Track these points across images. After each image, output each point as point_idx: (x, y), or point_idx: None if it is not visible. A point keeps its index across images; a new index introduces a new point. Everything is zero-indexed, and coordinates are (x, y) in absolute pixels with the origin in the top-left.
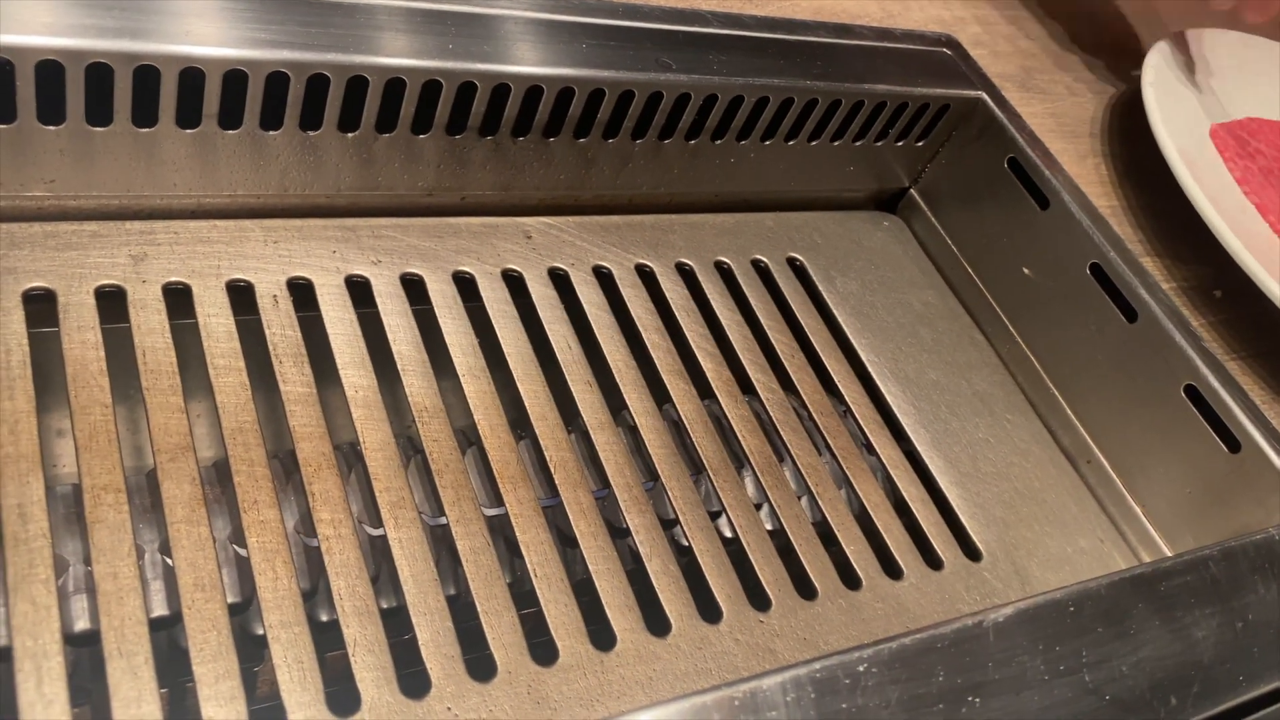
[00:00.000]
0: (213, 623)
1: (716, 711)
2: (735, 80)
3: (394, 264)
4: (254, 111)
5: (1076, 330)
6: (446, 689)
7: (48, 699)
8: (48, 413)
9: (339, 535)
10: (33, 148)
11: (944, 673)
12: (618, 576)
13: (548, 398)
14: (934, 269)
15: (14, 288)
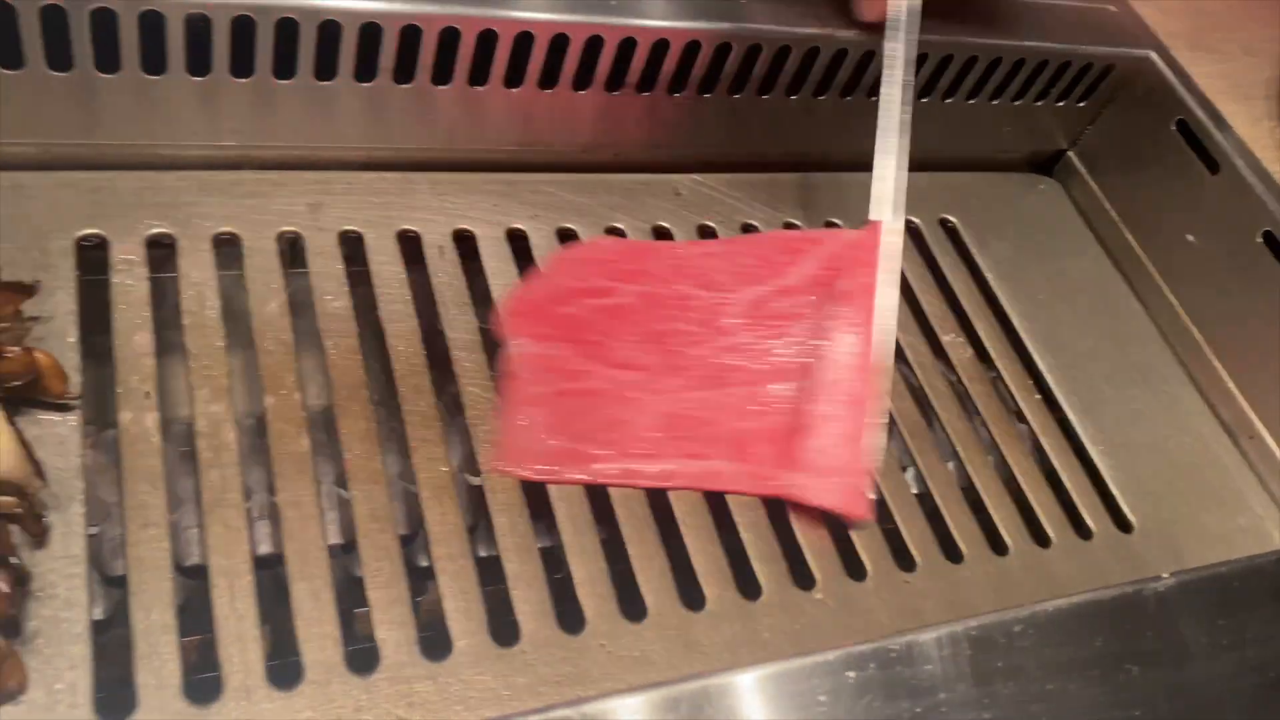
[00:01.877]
0: (386, 552)
1: (873, 661)
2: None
3: (550, 218)
4: (426, 66)
5: (1243, 301)
6: (600, 626)
7: (240, 614)
8: (234, 358)
9: (500, 475)
10: (223, 99)
11: (1101, 639)
12: (763, 529)
13: None
14: (1091, 234)
15: (204, 231)
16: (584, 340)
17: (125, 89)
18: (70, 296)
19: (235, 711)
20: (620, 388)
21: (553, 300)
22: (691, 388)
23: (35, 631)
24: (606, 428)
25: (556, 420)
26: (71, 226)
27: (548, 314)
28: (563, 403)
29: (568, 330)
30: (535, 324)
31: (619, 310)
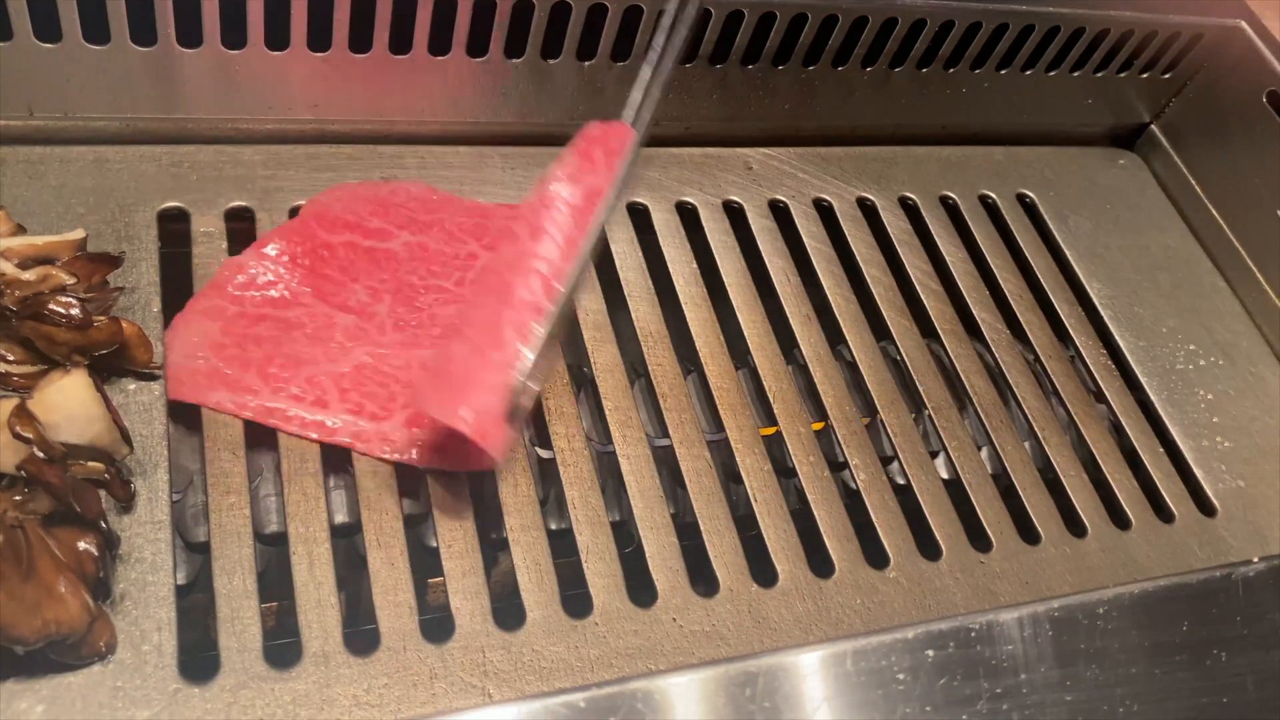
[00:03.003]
0: (460, 523)
1: (953, 640)
2: (974, 5)
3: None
4: (500, 39)
5: None
6: (672, 601)
7: (318, 580)
8: None
9: (572, 449)
10: (301, 73)
11: (1188, 623)
12: (835, 506)
13: (766, 328)
14: (1174, 210)
15: (282, 205)
16: (318, 273)
17: (206, 64)
18: (153, 268)
19: (314, 676)
20: (324, 329)
21: (321, 225)
22: (408, 346)
23: (123, 594)
24: (279, 362)
25: (226, 341)
26: (153, 199)
27: (304, 234)
28: (246, 326)
29: (308, 257)
30: (285, 239)
31: (379, 255)
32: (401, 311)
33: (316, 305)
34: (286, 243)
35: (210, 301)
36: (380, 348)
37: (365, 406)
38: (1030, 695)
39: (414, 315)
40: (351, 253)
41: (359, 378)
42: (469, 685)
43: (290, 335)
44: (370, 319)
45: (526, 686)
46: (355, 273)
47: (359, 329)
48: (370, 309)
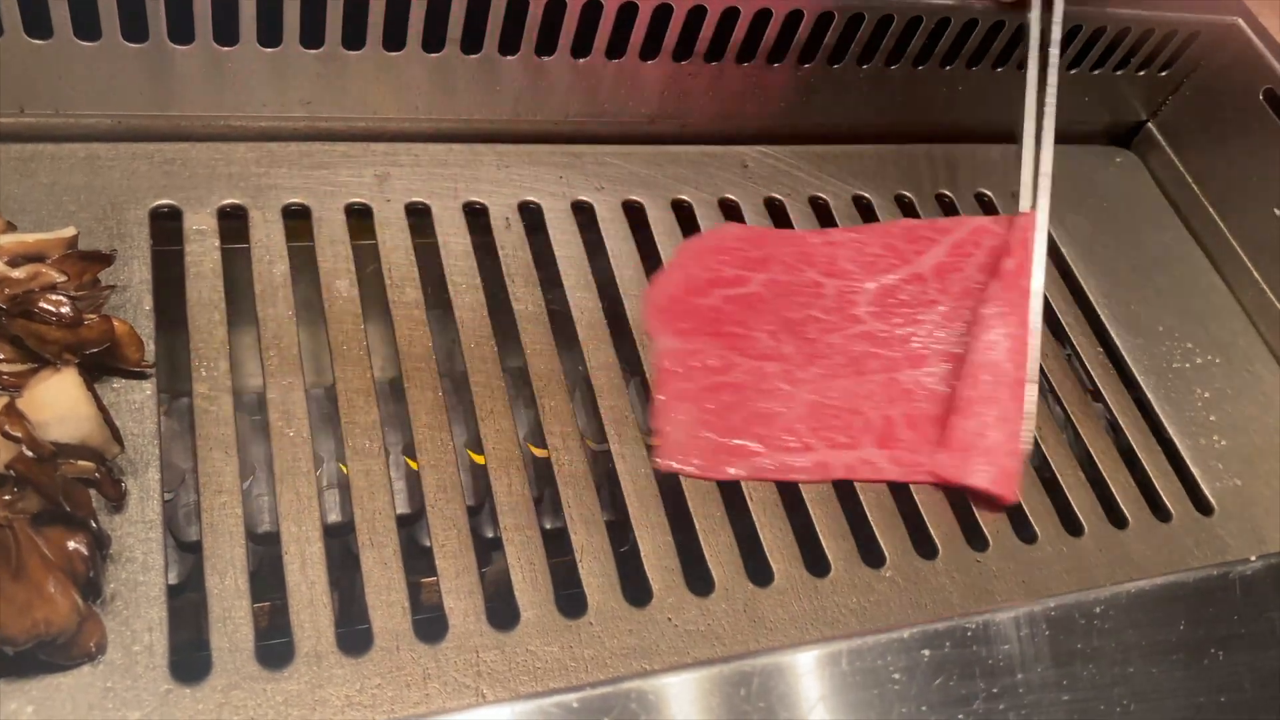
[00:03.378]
0: (453, 522)
1: (949, 640)
2: (970, 2)
3: (616, 190)
4: (494, 35)
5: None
6: (667, 600)
7: (311, 580)
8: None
9: (567, 447)
10: (293, 70)
11: (1185, 622)
12: (831, 505)
13: None
14: (1171, 209)
15: (275, 202)
16: (723, 333)
17: (198, 61)
18: (145, 266)
19: (307, 676)
20: (763, 379)
21: (688, 293)
22: (831, 376)
23: (114, 594)
24: (756, 421)
25: (708, 416)
26: (146, 197)
27: (686, 307)
28: (712, 397)
29: (707, 323)
30: (676, 319)
31: (751, 300)
32: (801, 346)
33: (745, 361)
34: (681, 323)
35: (672, 387)
36: (811, 384)
37: (838, 440)
38: (1027, 695)
39: (811, 347)
40: (731, 305)
41: (817, 416)
42: (462, 685)
43: (746, 396)
44: (785, 360)
45: (520, 687)
46: (746, 322)
47: (784, 372)
48: (779, 351)
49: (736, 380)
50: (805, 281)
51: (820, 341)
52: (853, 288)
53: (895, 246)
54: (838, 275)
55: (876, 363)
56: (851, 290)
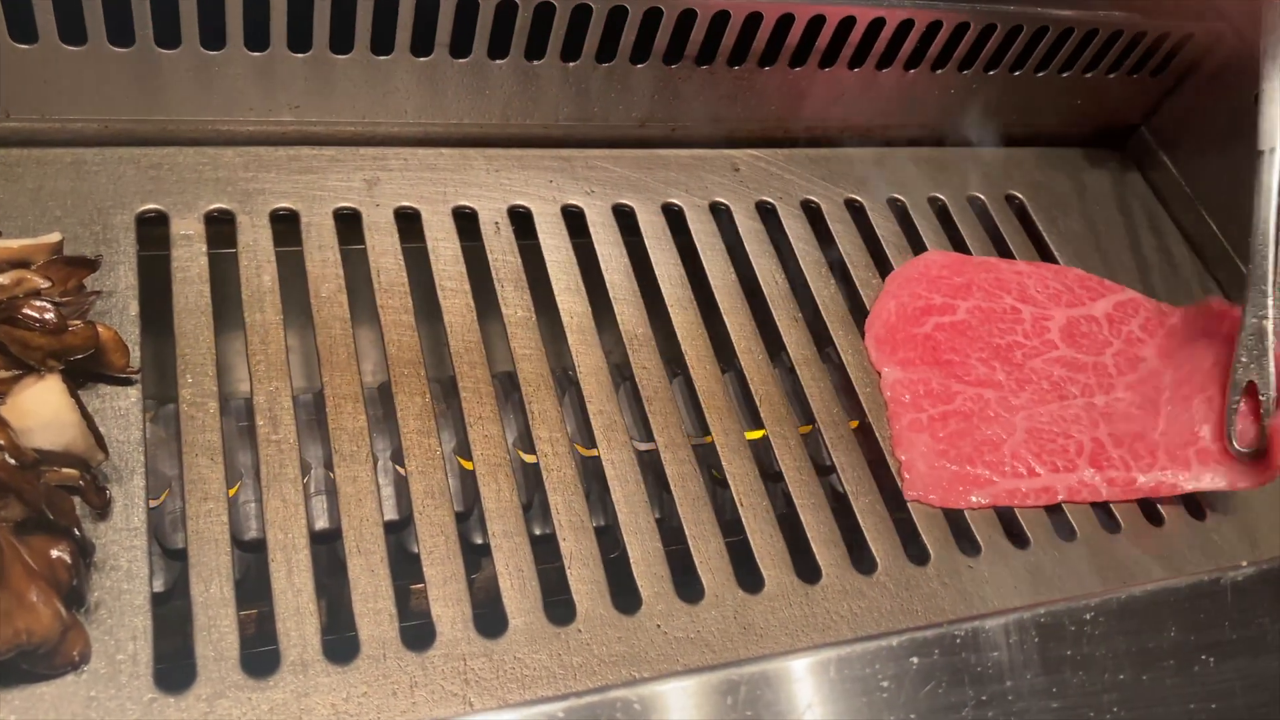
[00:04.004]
0: (441, 529)
1: (938, 647)
2: (961, 6)
3: (607, 194)
4: (483, 40)
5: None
6: (657, 607)
7: (297, 588)
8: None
9: (556, 453)
10: (281, 74)
11: (1176, 628)
12: (822, 511)
13: (753, 331)
14: (1164, 213)
15: (262, 207)
16: (941, 361)
17: (185, 65)
18: (131, 271)
19: (292, 685)
20: (983, 406)
21: (904, 322)
22: (1040, 402)
23: (98, 602)
24: (985, 449)
25: (942, 445)
26: (132, 202)
27: (904, 337)
28: (942, 426)
29: (925, 352)
30: (897, 349)
31: (961, 326)
32: (1011, 371)
33: (965, 389)
34: (902, 352)
35: (907, 418)
36: (1024, 410)
37: (1057, 463)
38: (1016, 702)
39: (1019, 372)
40: (944, 333)
41: (1036, 441)
42: (450, 694)
43: (971, 424)
44: (1000, 387)
45: (508, 695)
46: (960, 349)
47: (1000, 399)
48: (993, 378)
49: (961, 408)
50: (1005, 308)
51: (1025, 366)
52: (1046, 314)
53: (1072, 287)
54: (1030, 302)
55: (1075, 387)
56: (1045, 317)
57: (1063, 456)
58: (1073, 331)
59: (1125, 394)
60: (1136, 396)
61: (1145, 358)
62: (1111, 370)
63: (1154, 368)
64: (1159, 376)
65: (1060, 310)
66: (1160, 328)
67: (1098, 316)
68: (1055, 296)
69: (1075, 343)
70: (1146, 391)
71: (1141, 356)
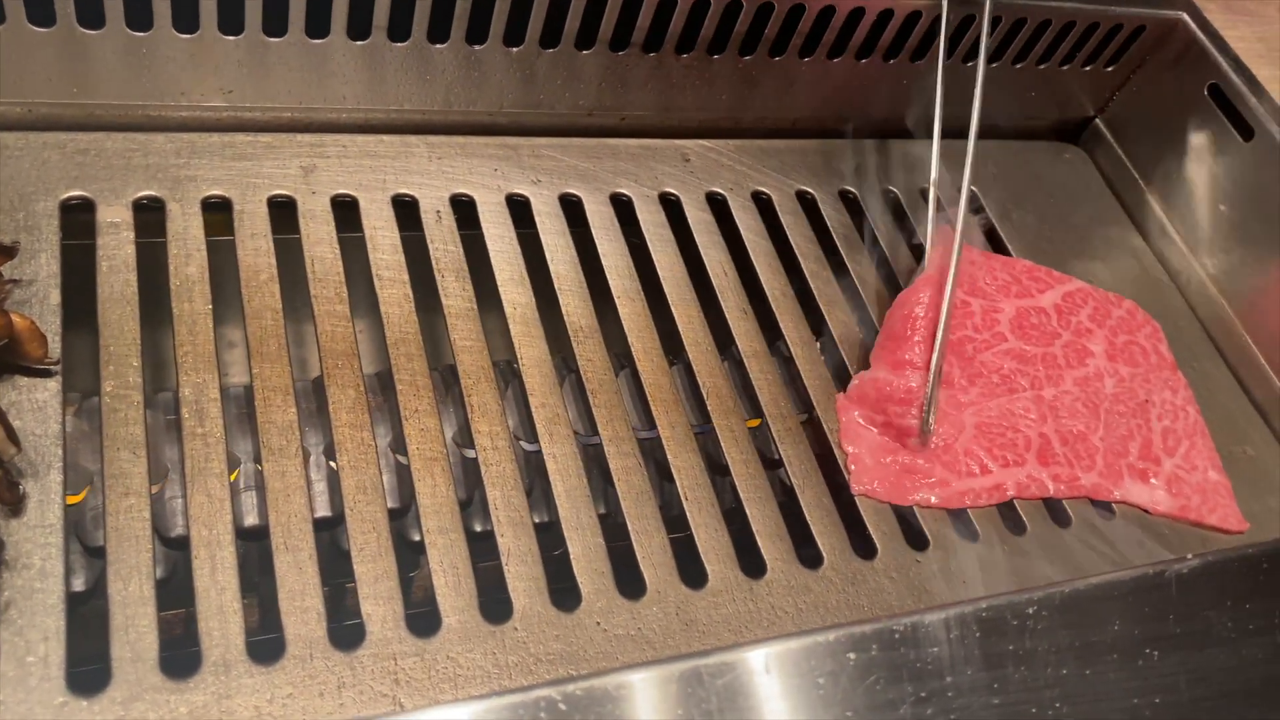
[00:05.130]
0: (373, 524)
1: (876, 643)
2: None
3: (553, 184)
4: (422, 22)
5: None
6: (596, 604)
7: (220, 586)
8: (221, 325)
9: (496, 448)
10: (213, 57)
11: (1120, 621)
12: (769, 505)
13: (702, 323)
14: (1118, 204)
15: (194, 195)
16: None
17: (111, 46)
18: (54, 259)
19: (213, 687)
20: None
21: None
22: (989, 396)
23: (8, 602)
24: (935, 446)
25: (890, 436)
26: (56, 188)
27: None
28: (892, 419)
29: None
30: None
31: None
32: (964, 366)
33: (914, 385)
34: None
35: (856, 411)
36: (975, 405)
37: (1008, 458)
38: (956, 699)
39: (971, 366)
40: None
41: (987, 436)
42: (379, 694)
43: (918, 417)
44: (950, 383)
45: (440, 695)
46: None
47: (950, 396)
48: (945, 371)
49: (911, 399)
50: (954, 301)
51: (976, 360)
52: (996, 307)
53: (1020, 278)
54: (979, 295)
55: (1025, 379)
56: (995, 309)
57: (1012, 450)
58: (1022, 323)
59: (1073, 388)
60: (1082, 393)
61: (1094, 352)
62: (1060, 362)
63: (1100, 367)
64: (1101, 379)
65: (1009, 302)
66: (1108, 318)
67: (1046, 308)
68: (1004, 288)
69: (1024, 334)
70: (1090, 391)
71: (1090, 351)
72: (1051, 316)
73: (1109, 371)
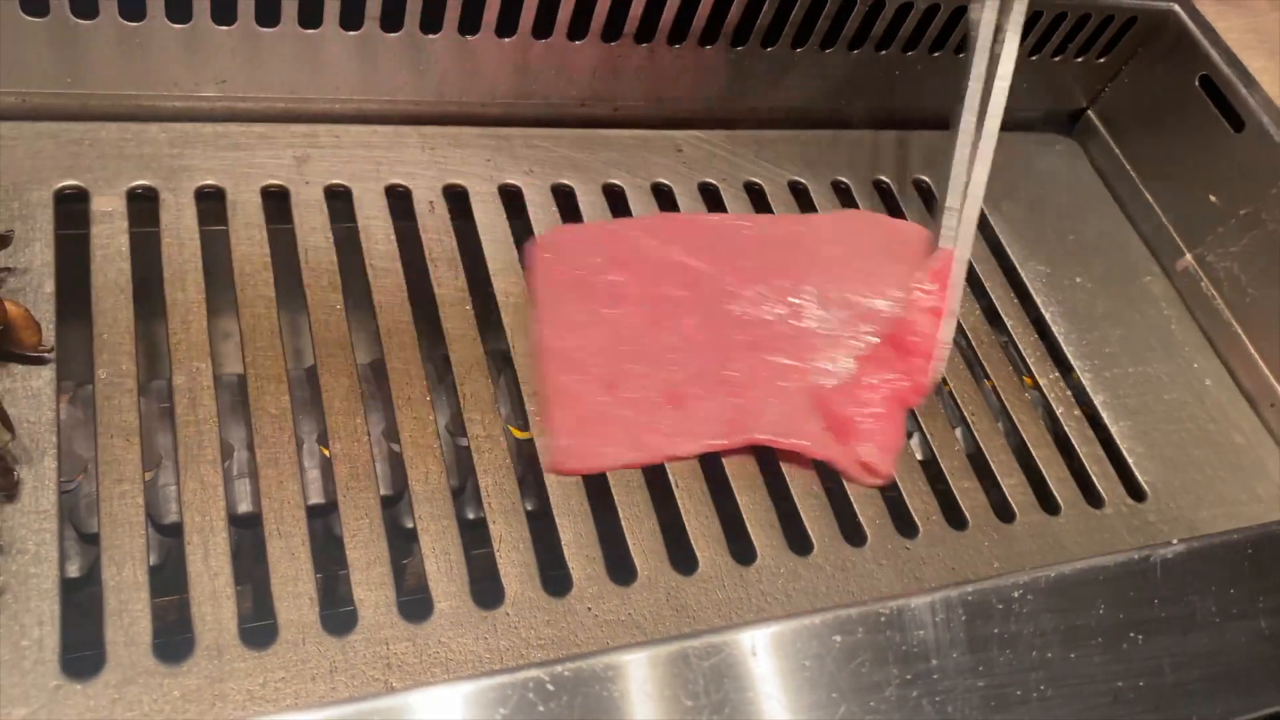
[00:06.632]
0: (366, 511)
1: (861, 626)
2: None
3: (546, 174)
4: (414, 13)
5: (1268, 265)
6: (587, 589)
7: (214, 571)
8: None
9: (488, 435)
10: (206, 47)
11: (1105, 606)
12: (759, 492)
13: None
14: (1109, 196)
15: (187, 184)
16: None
17: (104, 36)
18: (48, 248)
19: (206, 671)
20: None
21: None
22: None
23: (3, 587)
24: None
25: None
26: (51, 178)
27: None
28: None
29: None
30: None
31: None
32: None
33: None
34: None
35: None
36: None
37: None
38: (941, 681)
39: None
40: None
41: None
42: (371, 678)
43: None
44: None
45: (432, 679)
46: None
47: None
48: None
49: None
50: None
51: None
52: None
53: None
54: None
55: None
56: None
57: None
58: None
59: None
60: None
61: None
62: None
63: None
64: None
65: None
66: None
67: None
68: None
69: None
70: None
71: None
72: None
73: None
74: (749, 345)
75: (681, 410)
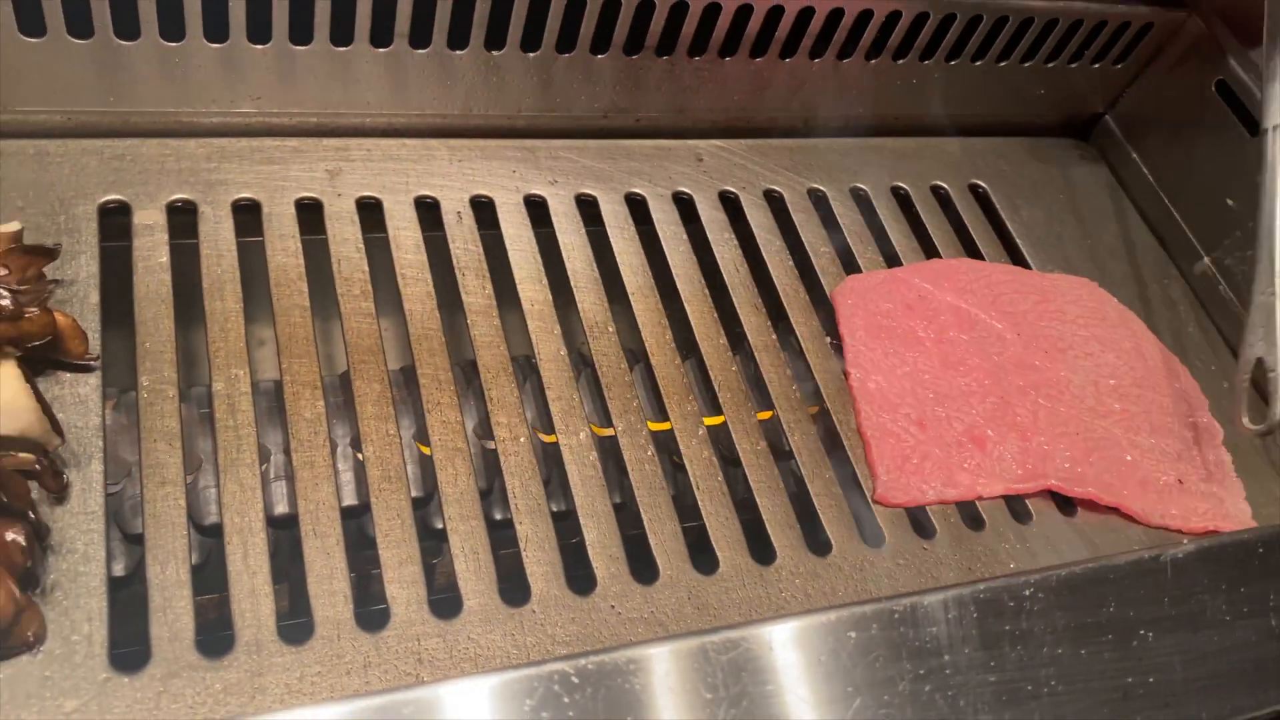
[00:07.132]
0: (398, 512)
1: (875, 622)
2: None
3: (570, 184)
4: (442, 29)
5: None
6: (611, 588)
7: (253, 570)
8: (251, 322)
9: (514, 439)
10: (242, 66)
11: (1115, 604)
12: (779, 495)
13: (714, 319)
14: (1127, 200)
15: (224, 198)
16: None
17: (145, 56)
18: (93, 260)
19: (246, 665)
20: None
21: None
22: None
23: (53, 584)
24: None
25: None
26: (94, 193)
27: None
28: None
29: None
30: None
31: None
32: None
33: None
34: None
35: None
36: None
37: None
38: (953, 676)
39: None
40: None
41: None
42: (403, 673)
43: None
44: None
45: (461, 673)
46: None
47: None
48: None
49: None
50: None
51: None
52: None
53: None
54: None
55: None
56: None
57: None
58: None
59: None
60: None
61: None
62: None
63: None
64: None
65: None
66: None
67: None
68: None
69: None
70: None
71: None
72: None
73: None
74: (1026, 389)
75: (983, 451)
